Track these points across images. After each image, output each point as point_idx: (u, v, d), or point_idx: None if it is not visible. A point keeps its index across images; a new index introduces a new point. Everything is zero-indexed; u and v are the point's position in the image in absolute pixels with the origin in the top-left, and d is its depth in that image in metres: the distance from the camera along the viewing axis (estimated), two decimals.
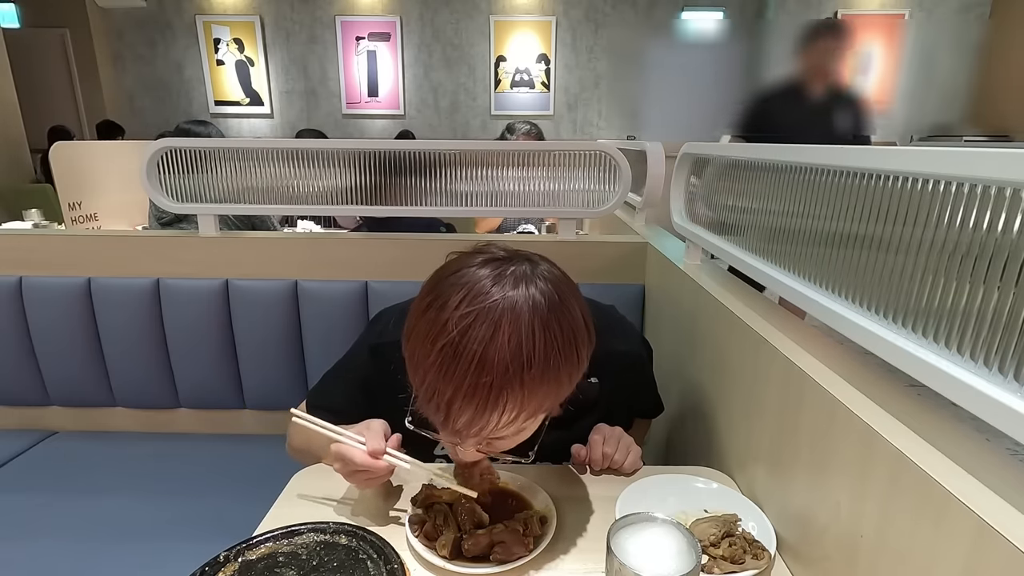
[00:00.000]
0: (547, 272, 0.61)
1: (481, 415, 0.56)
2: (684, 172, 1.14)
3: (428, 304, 0.59)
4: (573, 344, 0.59)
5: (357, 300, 1.30)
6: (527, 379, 0.55)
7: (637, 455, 0.80)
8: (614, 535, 0.55)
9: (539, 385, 0.57)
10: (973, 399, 0.43)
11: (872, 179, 0.57)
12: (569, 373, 0.60)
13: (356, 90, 6.44)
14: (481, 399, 0.55)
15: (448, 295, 0.57)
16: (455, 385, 0.55)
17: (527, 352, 0.55)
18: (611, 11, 6.31)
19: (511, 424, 0.58)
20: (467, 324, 0.55)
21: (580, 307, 0.62)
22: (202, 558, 0.61)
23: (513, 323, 0.55)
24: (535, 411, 0.59)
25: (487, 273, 0.58)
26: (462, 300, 0.56)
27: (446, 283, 0.59)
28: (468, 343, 0.54)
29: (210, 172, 1.30)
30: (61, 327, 1.33)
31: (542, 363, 0.56)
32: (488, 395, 0.55)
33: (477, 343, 0.54)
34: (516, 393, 0.55)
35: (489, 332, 0.54)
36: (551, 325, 0.57)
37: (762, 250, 0.83)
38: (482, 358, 0.54)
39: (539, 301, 0.57)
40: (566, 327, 0.58)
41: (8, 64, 4.06)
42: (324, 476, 0.79)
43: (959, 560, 0.41)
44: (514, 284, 0.57)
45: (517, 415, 0.57)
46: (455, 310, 0.55)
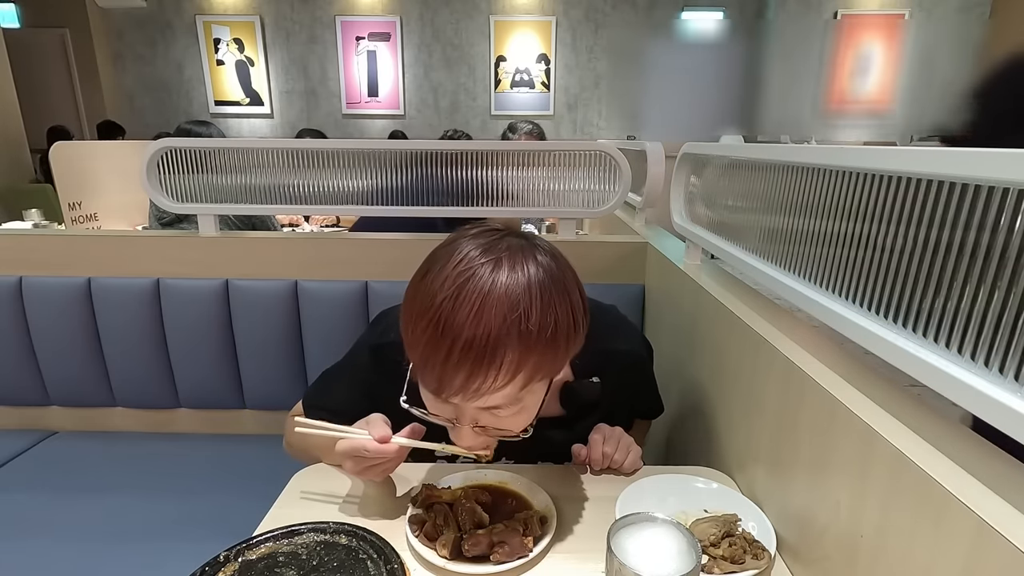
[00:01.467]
0: (544, 245, 0.62)
1: (477, 370, 0.55)
2: (684, 172, 1.14)
3: (425, 272, 0.59)
4: (569, 309, 0.59)
5: (357, 300, 1.30)
6: (524, 332, 0.55)
7: (637, 455, 0.80)
8: (614, 535, 0.55)
9: (536, 342, 0.56)
10: (973, 399, 0.43)
11: (872, 179, 0.57)
12: (567, 336, 0.59)
13: (356, 90, 6.44)
14: (478, 352, 0.54)
15: (444, 261, 0.58)
16: (451, 340, 0.54)
17: (524, 305, 0.55)
18: (611, 11, 6.31)
19: (507, 386, 0.57)
20: (463, 281, 0.55)
21: (576, 281, 0.62)
22: (202, 558, 0.61)
23: (509, 282, 0.55)
24: (532, 373, 0.58)
25: (482, 242, 0.59)
26: (459, 262, 0.57)
27: (441, 253, 0.60)
28: (465, 298, 0.54)
29: (210, 172, 1.30)
30: (61, 327, 1.33)
31: (539, 317, 0.56)
32: (484, 348, 0.54)
33: (475, 296, 0.54)
34: (513, 350, 0.55)
35: (486, 289, 0.55)
36: (547, 286, 0.57)
37: (762, 250, 0.83)
38: (478, 311, 0.54)
39: (535, 269, 0.58)
40: (562, 291, 0.59)
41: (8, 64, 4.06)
42: (324, 476, 0.79)
43: (959, 560, 0.41)
44: (509, 253, 0.58)
45: (514, 374, 0.57)
46: (452, 270, 0.56)
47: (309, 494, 0.76)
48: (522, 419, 0.65)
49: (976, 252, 0.44)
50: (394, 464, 0.71)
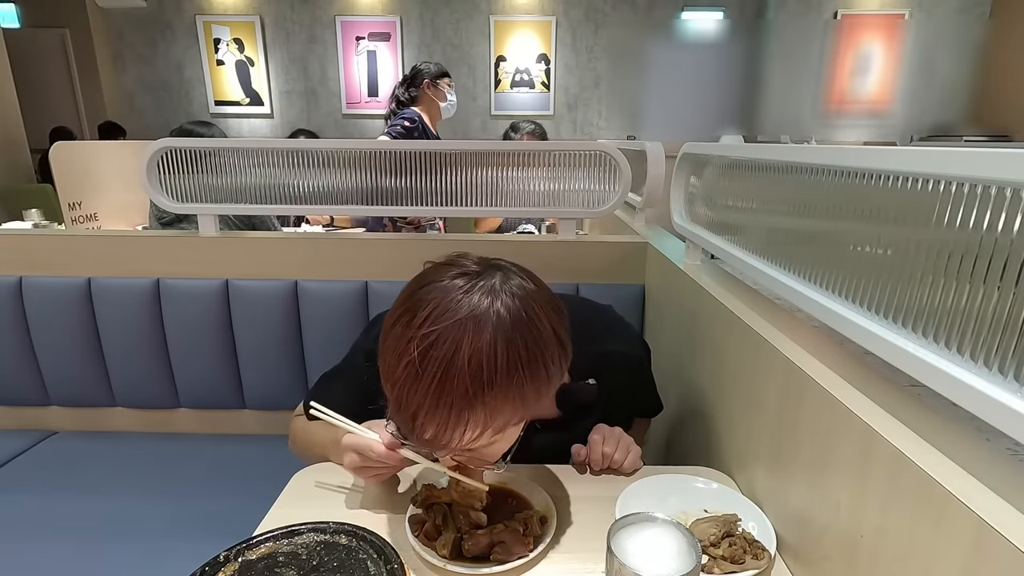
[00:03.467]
0: (517, 288, 0.59)
1: (444, 431, 0.56)
2: (684, 172, 1.14)
3: (398, 317, 0.59)
4: (540, 360, 0.58)
5: (357, 300, 1.30)
6: (488, 399, 0.55)
7: (637, 454, 0.80)
8: (614, 535, 0.55)
9: (502, 403, 0.56)
10: (973, 399, 0.43)
11: (872, 179, 0.57)
12: (537, 389, 0.59)
13: (356, 90, 6.44)
14: (443, 417, 0.55)
15: (416, 309, 0.57)
16: (418, 402, 0.55)
17: (488, 373, 0.54)
18: (611, 11, 6.31)
19: (477, 439, 0.58)
20: (429, 344, 0.54)
21: (551, 321, 0.60)
22: (202, 558, 0.61)
23: (474, 343, 0.54)
24: (502, 427, 0.59)
25: (458, 285, 0.57)
26: (427, 317, 0.56)
27: (416, 296, 0.58)
28: (429, 363, 0.54)
29: (210, 172, 1.30)
30: (61, 327, 1.33)
31: (504, 382, 0.55)
32: (449, 413, 0.55)
33: (437, 364, 0.54)
34: (478, 412, 0.55)
35: (450, 352, 0.54)
36: (515, 343, 0.56)
37: (762, 250, 0.83)
38: (442, 379, 0.54)
39: (504, 317, 0.56)
40: (532, 344, 0.57)
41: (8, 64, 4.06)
42: (324, 476, 0.79)
43: (959, 560, 0.41)
44: (480, 299, 0.56)
45: (481, 432, 0.57)
46: (419, 328, 0.55)
47: (309, 494, 0.76)
48: (499, 448, 0.65)
49: (976, 252, 0.44)
50: (391, 472, 0.72)
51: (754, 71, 6.52)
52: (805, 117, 6.50)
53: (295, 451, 0.90)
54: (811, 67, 6.34)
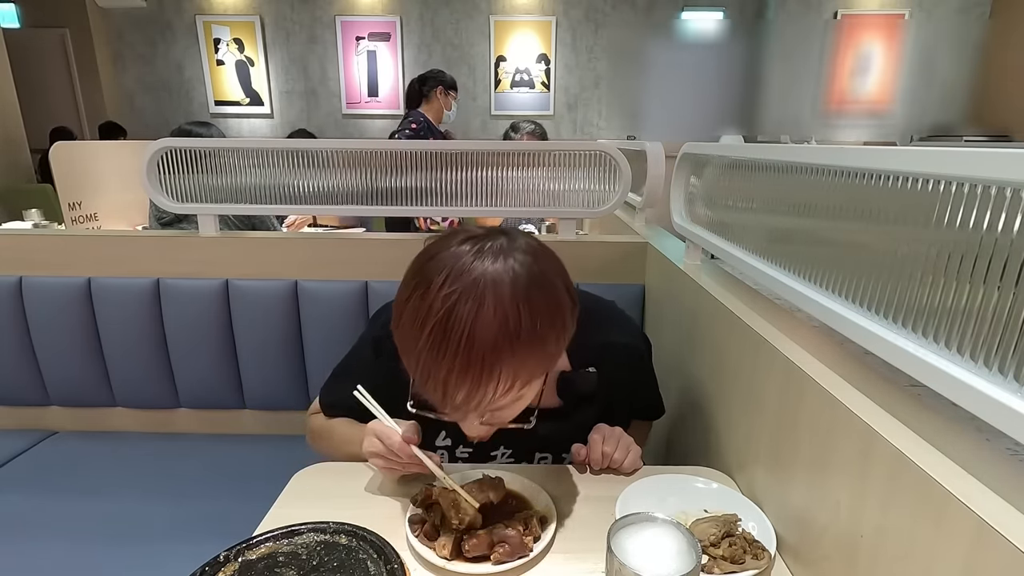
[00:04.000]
0: (525, 245, 0.62)
1: (477, 389, 0.58)
2: (684, 172, 1.14)
3: (412, 289, 0.60)
4: (558, 310, 0.61)
5: (357, 300, 1.30)
6: (517, 348, 0.57)
7: (637, 454, 0.80)
8: (614, 535, 0.55)
9: (528, 353, 0.59)
10: (973, 399, 0.43)
11: (872, 179, 0.57)
12: (556, 337, 0.62)
13: (356, 90, 6.44)
14: (475, 374, 0.57)
15: (430, 278, 0.58)
16: (448, 365, 0.56)
17: (513, 323, 0.57)
18: (611, 11, 6.31)
19: (508, 393, 0.60)
20: (452, 303, 0.56)
21: (560, 276, 0.64)
22: (202, 558, 0.61)
23: (496, 296, 0.56)
24: (529, 378, 0.61)
25: (466, 250, 0.59)
26: (444, 280, 0.57)
27: (427, 267, 0.60)
28: (455, 322, 0.55)
29: (210, 172, 1.30)
30: (61, 327, 1.33)
31: (529, 332, 0.57)
32: (481, 369, 0.56)
33: (463, 321, 0.55)
34: (508, 363, 0.57)
35: (474, 308, 0.56)
36: (533, 295, 0.58)
37: (762, 250, 0.83)
38: (470, 335, 0.55)
39: (519, 273, 0.58)
40: (548, 294, 0.61)
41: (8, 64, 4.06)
42: (324, 476, 0.79)
43: (959, 560, 0.41)
44: (493, 259, 0.59)
45: (512, 384, 0.59)
46: (439, 291, 0.57)
47: (309, 494, 0.76)
48: (522, 405, 0.67)
49: (976, 252, 0.44)
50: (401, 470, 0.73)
51: (754, 71, 6.53)
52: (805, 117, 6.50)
53: (316, 448, 0.91)
54: (811, 67, 6.35)
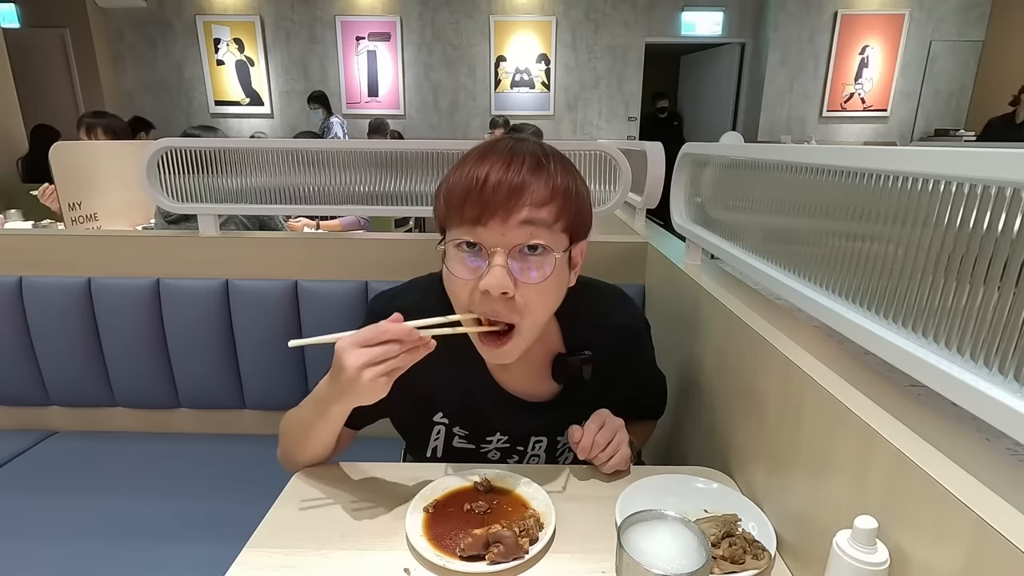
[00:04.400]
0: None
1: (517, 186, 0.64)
2: (684, 172, 1.14)
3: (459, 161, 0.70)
4: (583, 180, 0.72)
5: (357, 300, 1.30)
6: (553, 161, 0.68)
7: (623, 457, 0.78)
8: (624, 531, 0.55)
9: (563, 173, 0.68)
10: (973, 399, 0.43)
11: (872, 179, 0.57)
12: (582, 193, 0.71)
13: (356, 90, 6.44)
14: (517, 165, 0.65)
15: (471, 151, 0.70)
16: (491, 164, 0.65)
17: (550, 151, 0.71)
18: (611, 11, 6.31)
19: (544, 204, 0.66)
20: (496, 139, 0.71)
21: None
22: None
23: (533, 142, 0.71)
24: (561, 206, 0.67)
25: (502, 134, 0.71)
26: (488, 140, 0.72)
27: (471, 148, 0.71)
28: (499, 143, 0.69)
29: (210, 172, 1.30)
30: (61, 327, 1.33)
31: (561, 160, 0.70)
32: (523, 164, 0.66)
33: (507, 142, 0.69)
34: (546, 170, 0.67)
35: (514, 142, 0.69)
36: (565, 160, 0.71)
37: (762, 250, 0.83)
38: (512, 149, 0.68)
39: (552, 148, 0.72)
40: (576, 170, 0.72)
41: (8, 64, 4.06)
42: (324, 476, 0.79)
43: (959, 560, 0.41)
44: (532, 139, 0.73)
45: (550, 193, 0.66)
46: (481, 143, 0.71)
47: (309, 494, 0.76)
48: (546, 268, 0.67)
49: (976, 252, 0.44)
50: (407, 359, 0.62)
51: (754, 71, 6.53)
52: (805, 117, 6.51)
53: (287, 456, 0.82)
54: (811, 67, 6.35)
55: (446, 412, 0.82)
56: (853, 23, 6.16)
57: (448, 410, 0.82)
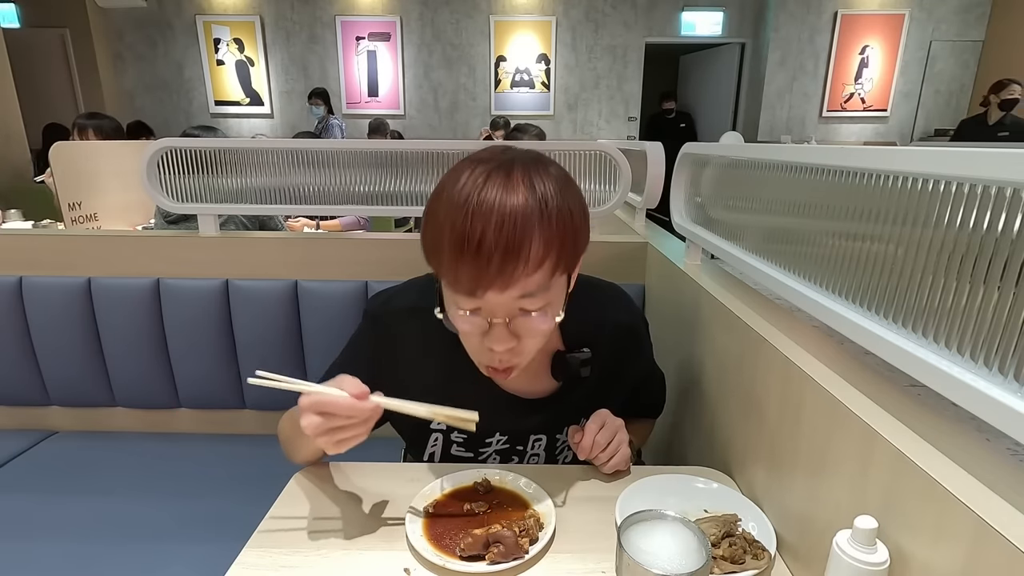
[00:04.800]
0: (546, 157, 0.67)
1: (510, 255, 0.59)
2: (684, 172, 1.14)
3: (442, 190, 0.64)
4: (580, 203, 0.66)
5: (357, 300, 1.30)
6: (546, 213, 0.61)
7: (623, 458, 0.78)
8: (624, 531, 0.55)
9: (558, 224, 0.62)
10: (973, 399, 0.43)
11: (872, 179, 0.57)
12: (581, 223, 0.65)
13: (356, 90, 6.44)
14: (508, 237, 0.59)
15: (460, 174, 0.63)
16: (483, 223, 0.58)
17: (541, 193, 0.61)
18: (611, 11, 6.31)
19: (538, 270, 0.61)
20: (483, 180, 0.61)
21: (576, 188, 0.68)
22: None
23: (525, 174, 0.62)
24: (558, 258, 0.62)
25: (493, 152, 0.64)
26: (474, 168, 0.62)
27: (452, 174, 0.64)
28: (487, 192, 0.60)
29: (210, 172, 1.30)
30: (61, 327, 1.33)
31: (557, 204, 0.62)
32: (514, 232, 0.59)
33: (496, 189, 0.60)
34: (539, 228, 0.60)
35: (505, 182, 0.60)
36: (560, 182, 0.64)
37: (762, 250, 0.83)
38: (502, 201, 0.59)
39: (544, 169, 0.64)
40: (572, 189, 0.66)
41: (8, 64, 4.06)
42: (324, 476, 0.79)
43: (959, 560, 0.41)
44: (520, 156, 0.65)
45: (543, 257, 0.61)
46: (470, 176, 0.61)
47: (309, 494, 0.76)
48: (549, 314, 0.67)
49: (976, 252, 0.44)
50: (363, 432, 0.63)
51: (754, 71, 6.53)
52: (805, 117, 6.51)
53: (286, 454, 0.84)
54: (811, 67, 6.35)
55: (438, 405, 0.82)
56: (853, 23, 6.16)
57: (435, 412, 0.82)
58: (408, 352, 0.79)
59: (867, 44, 6.23)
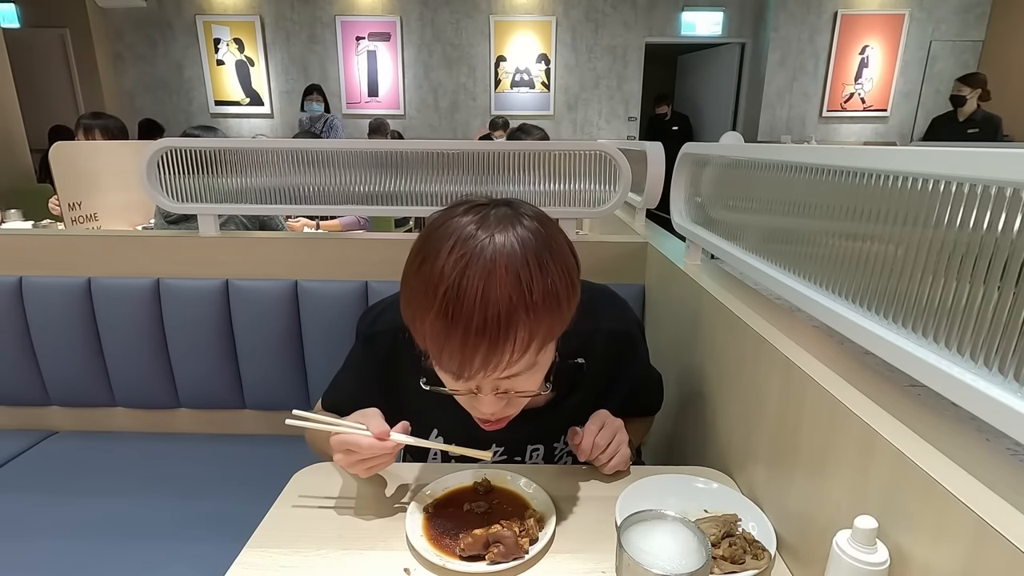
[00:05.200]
0: (529, 211, 0.64)
1: (494, 349, 0.57)
2: (684, 172, 1.14)
3: (420, 262, 0.60)
4: (566, 270, 0.62)
5: (357, 300, 1.30)
6: (531, 305, 0.57)
7: (624, 458, 0.78)
8: (624, 531, 0.55)
9: (543, 311, 0.59)
10: (973, 399, 0.43)
11: (872, 179, 0.57)
12: (567, 297, 0.62)
13: (356, 90, 6.44)
14: (492, 333, 0.56)
15: (438, 247, 0.59)
16: (464, 326, 0.56)
17: (525, 281, 0.57)
18: (611, 11, 6.31)
19: (523, 356, 0.60)
20: (463, 266, 0.56)
21: (564, 239, 0.65)
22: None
23: (507, 257, 0.57)
24: (544, 339, 0.61)
25: (471, 219, 0.60)
26: (453, 247, 0.58)
27: (433, 238, 0.60)
28: (468, 283, 0.56)
29: (210, 172, 1.30)
30: (61, 327, 1.33)
31: (541, 288, 0.58)
32: (498, 328, 0.56)
33: (477, 280, 0.56)
34: (524, 321, 0.57)
35: (487, 270, 0.56)
36: (542, 255, 0.59)
37: (762, 250, 0.83)
38: (484, 294, 0.56)
39: (527, 236, 0.60)
40: (556, 255, 0.61)
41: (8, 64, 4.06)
42: (324, 476, 0.79)
43: (959, 560, 0.41)
44: (499, 225, 0.59)
45: (528, 344, 0.59)
46: (448, 256, 0.57)
47: (309, 494, 0.76)
48: (537, 378, 0.67)
49: (976, 252, 0.44)
50: (387, 461, 0.72)
51: (754, 71, 6.53)
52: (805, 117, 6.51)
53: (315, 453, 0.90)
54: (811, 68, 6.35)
55: (441, 430, 0.83)
56: (853, 23, 6.16)
57: (443, 427, 0.83)
58: (403, 368, 0.80)
59: (867, 44, 6.23)
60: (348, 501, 0.74)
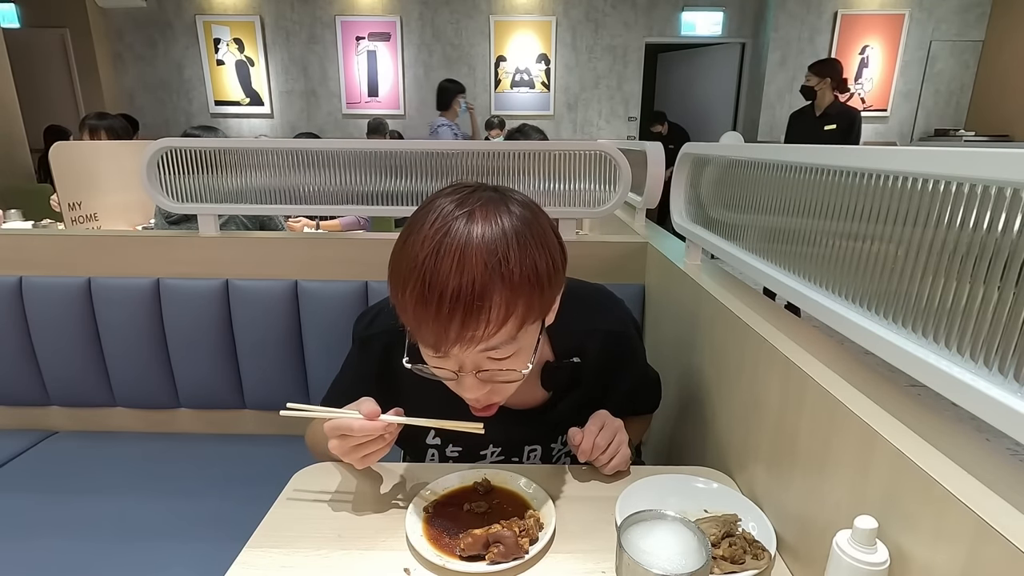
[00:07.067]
0: (516, 196, 0.64)
1: (469, 317, 0.57)
2: (684, 172, 1.14)
3: (406, 237, 0.62)
4: (546, 248, 0.62)
5: (357, 300, 1.30)
6: (506, 275, 0.58)
7: (624, 458, 0.78)
8: (624, 531, 0.55)
9: (520, 284, 0.59)
10: (973, 399, 0.43)
11: (872, 179, 0.57)
12: (548, 277, 0.62)
13: (356, 90, 6.44)
14: (466, 300, 0.57)
15: (422, 223, 0.60)
16: (439, 292, 0.57)
17: (502, 251, 0.58)
18: (611, 11, 6.31)
19: (500, 329, 0.59)
20: (442, 236, 0.58)
21: (549, 223, 0.65)
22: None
23: (486, 228, 0.58)
24: (524, 316, 0.61)
25: (456, 198, 0.61)
26: (434, 221, 0.59)
27: (419, 215, 0.62)
28: (445, 251, 0.57)
29: (210, 172, 1.30)
30: (61, 327, 1.33)
31: (518, 260, 0.58)
32: (472, 294, 0.57)
33: (455, 248, 0.57)
34: (499, 290, 0.58)
35: (464, 240, 0.57)
36: (523, 232, 0.60)
37: (762, 250, 0.83)
38: (460, 261, 0.57)
39: (509, 215, 0.60)
40: (537, 234, 0.62)
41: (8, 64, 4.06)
42: (324, 476, 0.79)
43: (959, 560, 0.41)
44: (483, 204, 0.61)
45: (505, 318, 0.59)
46: (429, 229, 0.59)
47: (309, 494, 0.76)
48: (520, 360, 0.66)
49: (976, 252, 0.44)
50: (382, 447, 0.71)
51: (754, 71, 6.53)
52: None
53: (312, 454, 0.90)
54: None
55: (437, 431, 0.83)
56: (853, 23, 6.16)
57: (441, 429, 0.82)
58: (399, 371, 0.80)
59: (867, 44, 6.22)
60: (348, 501, 0.74)
